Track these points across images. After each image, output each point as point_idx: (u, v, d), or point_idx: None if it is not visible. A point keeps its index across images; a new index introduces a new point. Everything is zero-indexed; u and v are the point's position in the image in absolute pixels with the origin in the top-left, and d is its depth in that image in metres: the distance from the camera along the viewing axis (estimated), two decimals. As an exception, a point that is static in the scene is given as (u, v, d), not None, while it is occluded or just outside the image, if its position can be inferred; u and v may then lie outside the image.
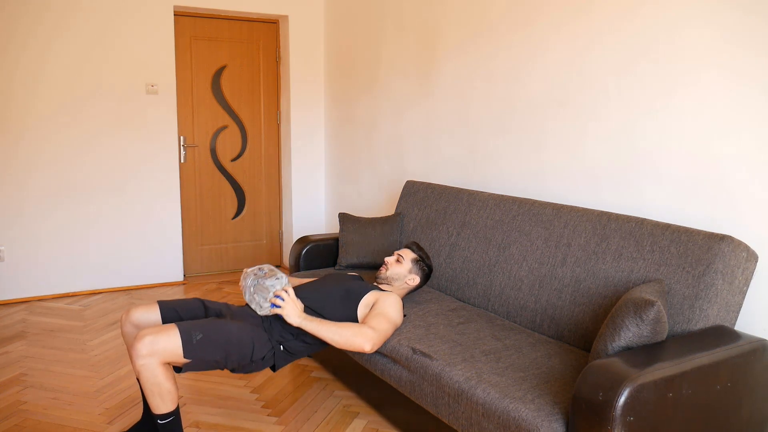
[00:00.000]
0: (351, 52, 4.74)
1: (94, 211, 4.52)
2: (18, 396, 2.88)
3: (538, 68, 2.98)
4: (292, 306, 2.31)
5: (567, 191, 2.84)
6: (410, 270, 2.71)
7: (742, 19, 2.12)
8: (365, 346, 2.27)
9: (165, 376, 2.12)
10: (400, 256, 2.72)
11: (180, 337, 2.14)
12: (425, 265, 2.75)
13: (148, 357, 2.08)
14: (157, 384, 2.11)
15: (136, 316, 2.39)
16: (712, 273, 1.98)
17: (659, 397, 1.63)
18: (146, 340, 2.10)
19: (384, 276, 2.71)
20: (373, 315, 2.40)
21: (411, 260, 2.72)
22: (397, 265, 2.71)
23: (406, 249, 2.76)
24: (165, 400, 2.13)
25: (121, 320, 2.42)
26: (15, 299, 4.34)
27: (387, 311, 2.42)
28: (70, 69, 4.33)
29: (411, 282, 2.71)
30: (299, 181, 5.23)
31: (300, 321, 2.30)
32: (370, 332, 2.30)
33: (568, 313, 2.38)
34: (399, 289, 2.70)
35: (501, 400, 1.89)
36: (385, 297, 2.50)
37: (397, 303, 2.49)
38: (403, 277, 2.70)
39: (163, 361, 2.11)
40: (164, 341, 2.12)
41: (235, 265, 5.27)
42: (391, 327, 2.40)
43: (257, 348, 2.31)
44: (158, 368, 2.10)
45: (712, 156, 2.24)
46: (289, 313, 2.30)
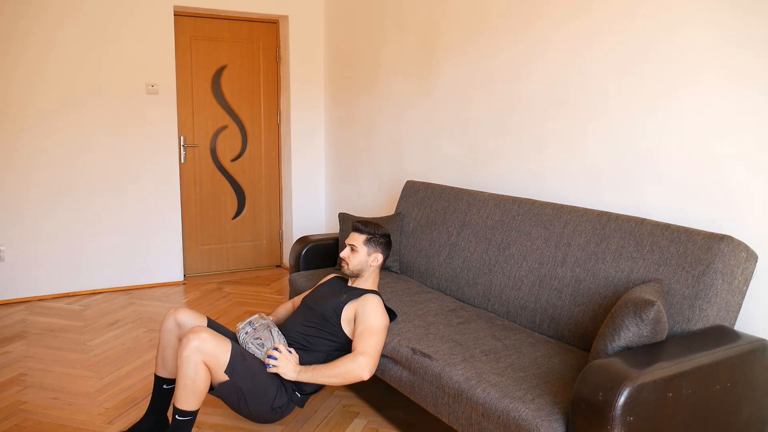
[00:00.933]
0: (351, 52, 4.75)
1: (94, 211, 4.52)
2: (18, 396, 2.88)
3: (538, 68, 2.98)
4: (285, 363, 2.31)
5: (567, 191, 2.84)
6: (368, 252, 2.59)
7: (742, 19, 2.12)
8: (364, 374, 2.30)
9: (203, 375, 2.17)
10: (352, 246, 2.60)
11: (231, 351, 2.22)
12: (379, 237, 2.61)
13: (196, 351, 2.14)
14: (193, 380, 2.15)
15: (183, 316, 2.45)
16: (712, 273, 1.98)
17: (659, 397, 1.63)
18: (203, 335, 2.17)
19: (349, 272, 2.61)
20: (359, 336, 2.37)
21: (363, 242, 2.58)
22: (353, 255, 2.59)
23: (353, 233, 2.64)
24: (193, 398, 2.17)
25: (167, 315, 2.47)
26: (15, 299, 4.34)
27: (369, 324, 2.38)
28: (70, 69, 4.34)
29: (375, 262, 2.60)
30: (299, 181, 5.23)
31: (296, 376, 2.31)
32: (363, 360, 2.29)
33: (568, 313, 2.38)
34: (371, 276, 2.62)
35: (501, 400, 1.89)
36: (362, 306, 2.45)
37: (376, 305, 2.44)
38: (366, 262, 2.59)
39: (205, 362, 2.16)
40: (215, 346, 2.19)
41: (235, 265, 5.27)
42: (381, 336, 2.38)
43: (278, 396, 2.34)
44: (201, 365, 2.16)
45: (712, 156, 2.24)
46: (285, 370, 2.30)
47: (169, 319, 2.44)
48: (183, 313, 2.45)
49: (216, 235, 5.17)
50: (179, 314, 2.45)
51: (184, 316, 2.45)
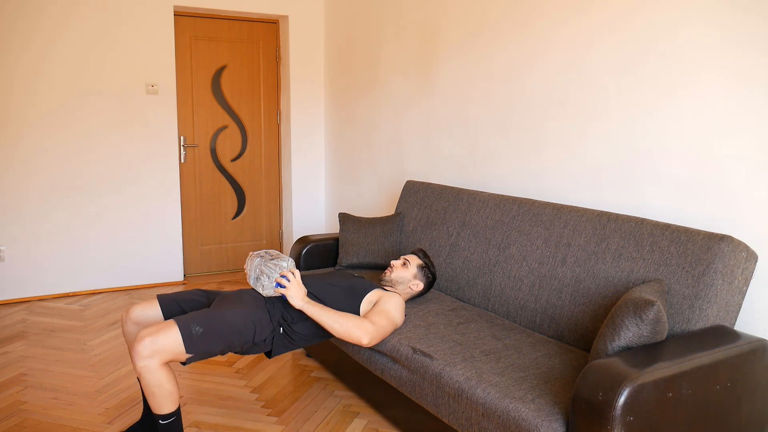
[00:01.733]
0: (351, 52, 4.74)
1: (94, 211, 4.52)
2: (18, 396, 2.88)
3: (538, 68, 2.98)
4: (296, 288, 2.30)
5: (567, 191, 2.84)
6: (415, 275, 2.72)
7: (742, 19, 2.12)
8: (363, 338, 2.28)
9: (166, 377, 2.10)
10: (406, 261, 2.73)
11: (180, 333, 2.11)
12: (430, 273, 2.76)
13: (148, 358, 2.06)
14: (158, 385, 2.09)
15: (136, 314, 2.37)
16: (712, 273, 1.98)
17: (659, 397, 1.63)
18: (146, 341, 2.07)
19: (388, 278, 2.72)
20: (375, 311, 2.41)
21: (417, 266, 2.73)
22: (402, 268, 2.72)
23: (413, 255, 2.77)
24: (166, 400, 2.11)
25: (122, 319, 2.41)
26: (15, 299, 4.34)
27: (389, 309, 2.43)
28: (70, 69, 4.34)
29: (414, 287, 2.72)
30: (299, 181, 5.23)
31: (303, 304, 2.29)
32: (370, 326, 2.30)
33: (568, 313, 2.38)
34: (402, 293, 2.71)
35: (501, 400, 1.89)
36: (388, 296, 2.52)
37: (400, 304, 2.50)
38: (407, 282, 2.71)
39: (165, 361, 2.09)
40: (164, 339, 2.09)
41: (235, 265, 5.27)
42: (391, 325, 2.40)
43: (259, 331, 2.29)
44: (159, 369, 2.08)
45: (712, 156, 2.24)
46: (293, 294, 2.28)
47: (126, 324, 2.38)
48: (135, 311, 2.38)
49: (216, 234, 5.17)
50: (132, 314, 2.37)
51: (137, 312, 2.37)
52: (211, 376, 3.12)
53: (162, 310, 2.39)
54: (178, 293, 2.48)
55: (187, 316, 2.21)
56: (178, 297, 2.44)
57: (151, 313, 2.38)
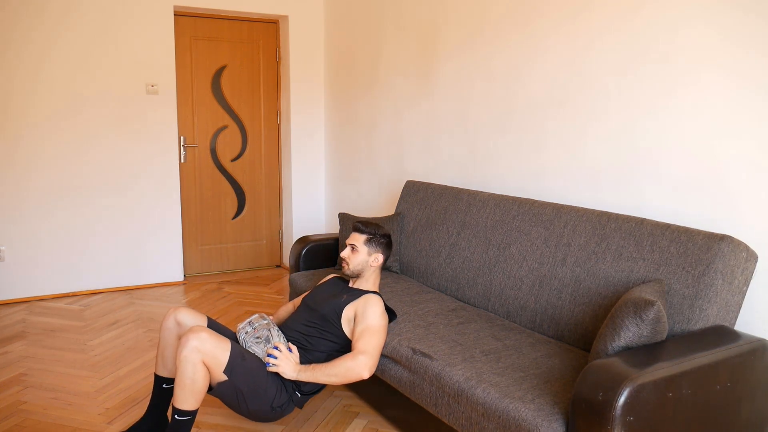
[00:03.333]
0: (351, 52, 4.75)
1: (94, 211, 4.52)
2: (18, 396, 2.88)
3: (538, 68, 2.98)
4: (285, 361, 2.31)
5: (567, 191, 2.84)
6: (368, 252, 2.59)
7: (742, 19, 2.12)
8: (363, 374, 2.30)
9: (202, 375, 2.16)
10: (352, 246, 2.60)
11: (230, 351, 2.21)
12: (380, 237, 2.61)
13: (195, 351, 2.13)
14: (192, 379, 2.15)
15: (183, 316, 2.45)
16: (712, 273, 1.98)
17: (659, 397, 1.63)
18: (202, 335, 2.17)
19: (349, 272, 2.60)
20: (359, 334, 2.37)
21: (363, 242, 2.58)
22: (354, 255, 2.59)
23: (353, 234, 2.64)
24: (192, 397, 2.17)
25: (167, 314, 2.47)
26: (15, 299, 4.34)
27: (369, 323, 2.39)
28: (71, 69, 4.34)
29: (375, 262, 2.60)
30: (299, 181, 5.23)
31: (296, 375, 2.30)
32: (363, 359, 2.30)
33: (568, 313, 2.38)
34: (371, 276, 2.61)
35: (501, 400, 1.89)
36: (362, 306, 2.45)
37: (376, 306, 2.44)
38: (366, 263, 2.59)
39: (204, 362, 2.16)
40: (214, 346, 2.18)
41: (235, 265, 5.27)
42: (381, 336, 2.38)
43: (278, 396, 2.33)
44: (199, 365, 2.15)
45: (711, 156, 2.24)
46: (284, 369, 2.30)
47: (169, 318, 2.45)
48: (183, 313, 2.45)
49: (216, 235, 5.17)
50: (179, 313, 2.45)
51: (184, 315, 2.45)
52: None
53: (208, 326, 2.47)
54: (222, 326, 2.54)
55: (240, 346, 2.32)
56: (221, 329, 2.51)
57: (198, 321, 2.46)
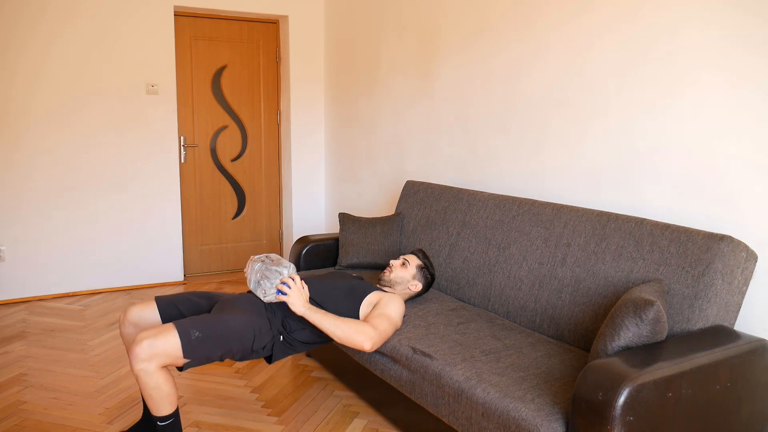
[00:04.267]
0: (351, 52, 4.75)
1: (94, 211, 4.52)
2: (18, 396, 2.88)
3: (538, 68, 2.98)
4: (297, 294, 2.29)
5: (567, 191, 2.85)
6: (414, 276, 2.71)
7: (742, 19, 2.12)
8: (365, 344, 2.27)
9: (164, 379, 2.08)
10: (405, 261, 2.73)
11: (179, 337, 2.10)
12: (429, 273, 2.75)
13: (146, 361, 2.04)
14: (156, 388, 2.07)
15: (133, 316, 2.36)
16: (712, 273, 1.98)
17: (659, 397, 1.63)
18: (144, 344, 2.05)
19: (387, 278, 2.71)
20: (376, 314, 2.40)
21: (416, 266, 2.73)
22: (401, 269, 2.72)
23: (412, 255, 2.77)
24: (164, 402, 2.10)
25: (120, 321, 2.40)
26: (15, 299, 4.34)
27: (389, 312, 2.42)
28: (71, 69, 4.33)
29: (413, 288, 2.71)
30: (299, 181, 5.23)
31: (304, 310, 2.28)
32: (372, 331, 2.29)
33: (568, 313, 2.38)
34: (400, 294, 2.71)
35: (501, 399, 1.89)
36: (388, 298, 2.51)
37: (400, 305, 2.49)
38: (406, 282, 2.70)
39: (163, 364, 2.08)
40: (162, 343, 2.07)
41: (235, 265, 5.27)
42: (392, 328, 2.40)
43: (258, 338, 2.28)
44: (157, 372, 2.06)
45: (712, 156, 2.24)
46: (295, 301, 2.27)
47: (124, 326, 2.37)
48: (132, 312, 2.37)
49: (216, 234, 5.17)
50: (129, 315, 2.36)
51: (135, 313, 2.36)
52: (211, 376, 3.12)
53: (160, 312, 2.37)
54: (177, 295, 2.46)
55: (187, 321, 2.18)
56: (176, 299, 2.42)
57: (149, 314, 2.37)
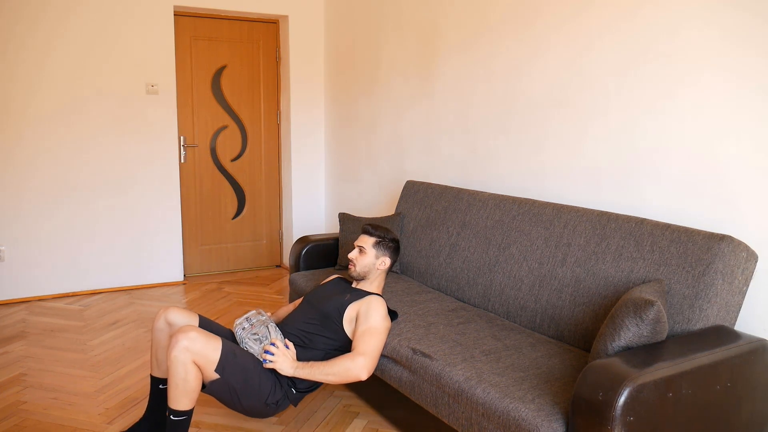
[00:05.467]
0: (351, 52, 4.75)
1: (94, 211, 4.52)
2: (18, 396, 2.88)
3: (538, 68, 2.98)
4: (282, 358, 2.30)
5: (567, 191, 2.84)
6: (376, 255, 2.61)
7: (742, 19, 2.12)
8: (361, 375, 2.29)
9: (194, 375, 2.14)
10: (360, 248, 2.62)
11: (221, 349, 2.19)
12: (389, 241, 2.64)
13: (185, 351, 2.11)
14: (184, 379, 2.13)
15: (173, 316, 2.43)
16: (712, 273, 1.98)
17: (659, 397, 1.63)
18: (191, 334, 2.14)
19: (355, 273, 2.62)
20: (360, 335, 2.37)
21: (372, 245, 2.62)
22: (362, 257, 2.61)
23: (363, 236, 2.66)
24: (185, 397, 2.15)
25: (158, 314, 2.46)
26: (15, 299, 4.34)
27: (371, 324, 2.38)
28: (70, 69, 4.34)
29: (382, 266, 2.62)
30: (299, 181, 5.23)
31: (293, 372, 2.30)
32: (361, 360, 2.29)
33: (568, 313, 2.38)
34: (376, 279, 2.63)
35: (501, 400, 1.89)
36: (365, 307, 2.45)
37: (379, 308, 2.44)
38: (373, 265, 2.61)
39: (195, 362, 2.14)
40: (205, 344, 2.16)
41: (235, 265, 5.27)
42: (381, 339, 2.38)
43: (272, 393, 2.32)
44: (191, 365, 2.13)
45: (712, 156, 2.24)
46: (281, 366, 2.29)
47: (159, 319, 2.43)
48: (173, 312, 2.43)
49: (216, 235, 5.17)
50: (170, 313, 2.43)
51: (175, 314, 2.42)
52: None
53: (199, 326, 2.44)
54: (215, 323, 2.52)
55: (231, 343, 2.29)
56: (213, 326, 2.49)
57: (189, 322, 2.43)
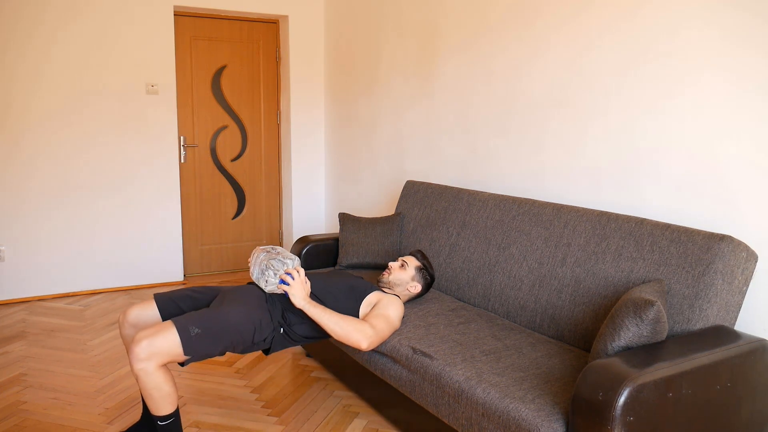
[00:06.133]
0: (351, 52, 4.75)
1: (94, 211, 4.52)
2: (18, 396, 2.88)
3: (538, 68, 2.98)
4: (300, 286, 2.29)
5: (567, 191, 2.84)
6: (413, 277, 2.71)
7: (742, 19, 2.12)
8: (362, 343, 2.27)
9: (164, 378, 2.08)
10: (404, 263, 2.72)
11: (178, 334, 2.08)
12: (428, 274, 2.75)
13: (146, 361, 2.03)
14: (156, 388, 2.07)
15: (133, 316, 2.35)
16: (712, 273, 1.98)
17: (659, 397, 1.63)
18: (143, 343, 2.04)
19: (386, 280, 2.71)
20: (375, 314, 2.40)
21: (415, 267, 2.72)
22: (400, 270, 2.71)
23: (411, 256, 2.76)
24: (165, 402, 2.10)
25: (119, 322, 2.39)
26: (15, 299, 4.34)
27: (388, 313, 2.42)
28: (71, 69, 4.33)
29: (412, 289, 2.71)
30: (299, 181, 5.23)
31: (304, 303, 2.28)
32: (370, 331, 2.30)
33: (568, 313, 2.38)
34: (400, 295, 2.70)
35: (501, 400, 1.89)
36: (388, 299, 2.51)
37: (399, 306, 2.49)
38: (405, 284, 2.70)
39: (163, 363, 2.07)
40: (161, 341, 2.06)
41: (235, 265, 5.27)
42: (390, 329, 2.40)
43: (258, 331, 2.28)
44: (157, 372, 2.06)
45: (712, 156, 2.24)
46: (296, 292, 2.27)
47: (123, 327, 2.36)
48: (132, 313, 2.36)
49: (216, 234, 5.17)
50: (129, 316, 2.35)
51: (134, 314, 2.35)
52: (211, 376, 3.12)
53: (159, 310, 2.36)
54: (176, 291, 2.44)
55: (186, 317, 2.18)
56: (175, 295, 2.41)
57: (149, 314, 2.36)
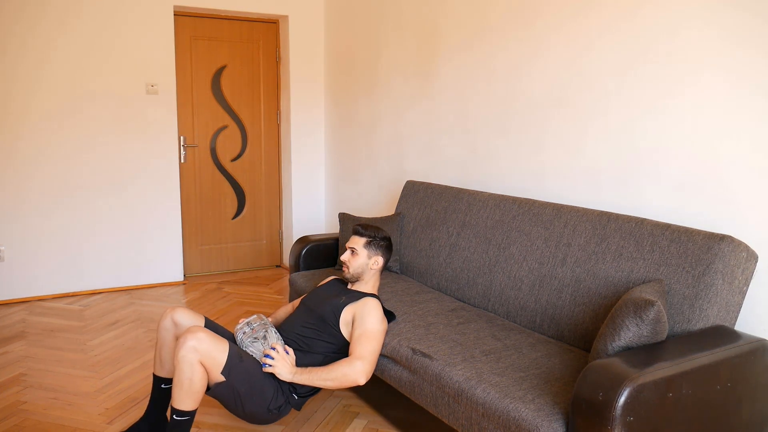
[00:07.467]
0: (351, 52, 4.75)
1: (94, 211, 4.52)
2: (18, 396, 2.88)
3: (538, 68, 2.98)
4: (282, 363, 2.30)
5: (567, 191, 2.84)
6: (368, 255, 2.60)
7: (742, 19, 2.12)
8: (359, 380, 2.29)
9: (200, 376, 2.15)
10: (352, 249, 2.61)
11: (228, 352, 2.21)
12: (380, 240, 2.62)
13: (193, 351, 2.13)
14: (190, 380, 2.14)
15: (180, 316, 2.44)
16: (712, 273, 1.98)
17: (659, 397, 1.63)
18: (200, 335, 2.16)
19: (349, 276, 2.62)
20: (357, 339, 2.37)
21: (363, 245, 2.60)
22: (354, 258, 2.60)
23: (353, 237, 2.65)
24: (190, 397, 2.16)
25: (165, 313, 2.46)
26: (15, 299, 4.34)
27: (367, 328, 2.38)
28: (71, 69, 4.33)
29: (375, 265, 2.61)
30: (299, 181, 5.23)
31: (292, 377, 2.29)
32: (359, 365, 2.29)
33: (568, 313, 2.38)
34: (371, 279, 2.63)
35: (501, 400, 1.89)
36: (361, 310, 2.44)
37: (374, 310, 2.43)
38: (366, 266, 2.60)
39: (202, 362, 2.15)
40: (212, 346, 2.18)
41: (235, 265, 5.27)
42: (378, 342, 2.38)
43: (275, 398, 2.32)
44: (197, 365, 2.14)
45: (712, 156, 2.24)
46: (281, 371, 2.29)
47: (166, 318, 2.44)
48: (180, 312, 2.44)
49: (216, 235, 5.17)
50: (176, 313, 2.44)
51: (181, 315, 2.44)
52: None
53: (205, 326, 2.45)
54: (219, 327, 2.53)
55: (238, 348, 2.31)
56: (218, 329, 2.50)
57: (195, 320, 2.45)
